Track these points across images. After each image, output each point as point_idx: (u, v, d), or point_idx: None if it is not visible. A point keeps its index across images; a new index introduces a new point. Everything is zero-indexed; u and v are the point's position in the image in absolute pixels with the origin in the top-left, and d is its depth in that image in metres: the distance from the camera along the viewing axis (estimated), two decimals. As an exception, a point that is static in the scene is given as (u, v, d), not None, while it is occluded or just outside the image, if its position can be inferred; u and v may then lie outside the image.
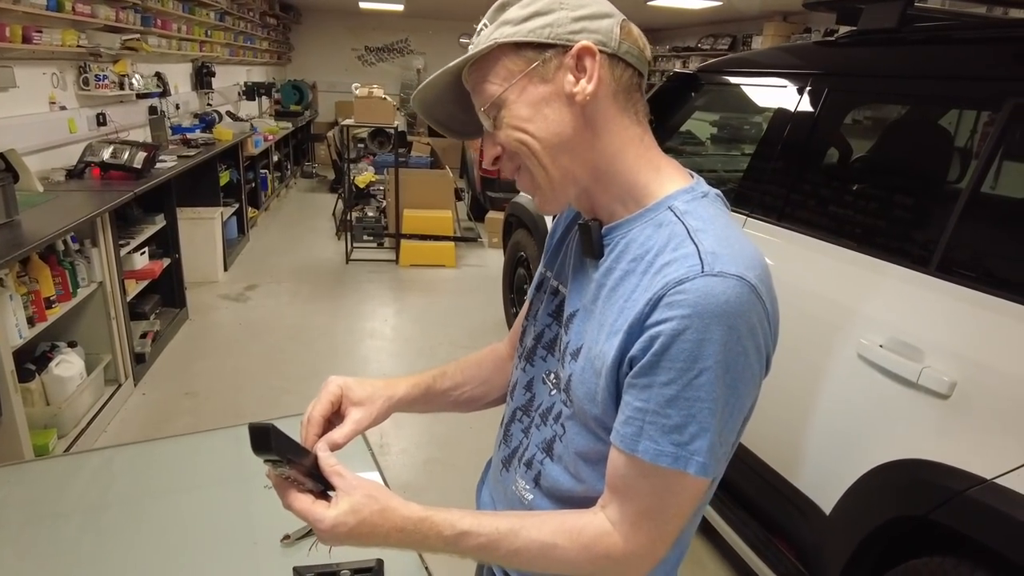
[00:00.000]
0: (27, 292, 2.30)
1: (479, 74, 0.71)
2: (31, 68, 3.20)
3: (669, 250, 0.65)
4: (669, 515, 0.67)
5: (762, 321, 0.63)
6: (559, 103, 0.69)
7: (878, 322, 1.46)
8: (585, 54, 0.67)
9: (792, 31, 6.49)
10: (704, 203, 0.70)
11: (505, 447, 0.87)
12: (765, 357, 0.65)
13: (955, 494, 1.19)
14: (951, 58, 1.52)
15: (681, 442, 0.63)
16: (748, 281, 0.62)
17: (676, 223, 0.67)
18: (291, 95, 8.58)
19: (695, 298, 0.61)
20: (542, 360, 0.82)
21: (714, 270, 0.61)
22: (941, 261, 1.35)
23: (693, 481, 0.65)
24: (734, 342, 0.61)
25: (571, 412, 0.74)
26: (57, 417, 2.46)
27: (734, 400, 0.63)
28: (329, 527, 0.65)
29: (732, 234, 0.67)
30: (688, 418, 0.62)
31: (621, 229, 0.72)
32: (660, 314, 0.62)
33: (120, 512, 1.18)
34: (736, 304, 0.60)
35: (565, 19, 0.68)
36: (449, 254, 5.32)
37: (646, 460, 0.64)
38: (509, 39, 0.68)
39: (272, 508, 1.19)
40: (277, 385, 3.22)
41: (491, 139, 0.73)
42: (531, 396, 0.83)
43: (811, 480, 1.62)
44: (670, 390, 0.62)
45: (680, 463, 0.63)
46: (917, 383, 1.31)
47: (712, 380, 0.61)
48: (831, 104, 1.75)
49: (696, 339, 0.60)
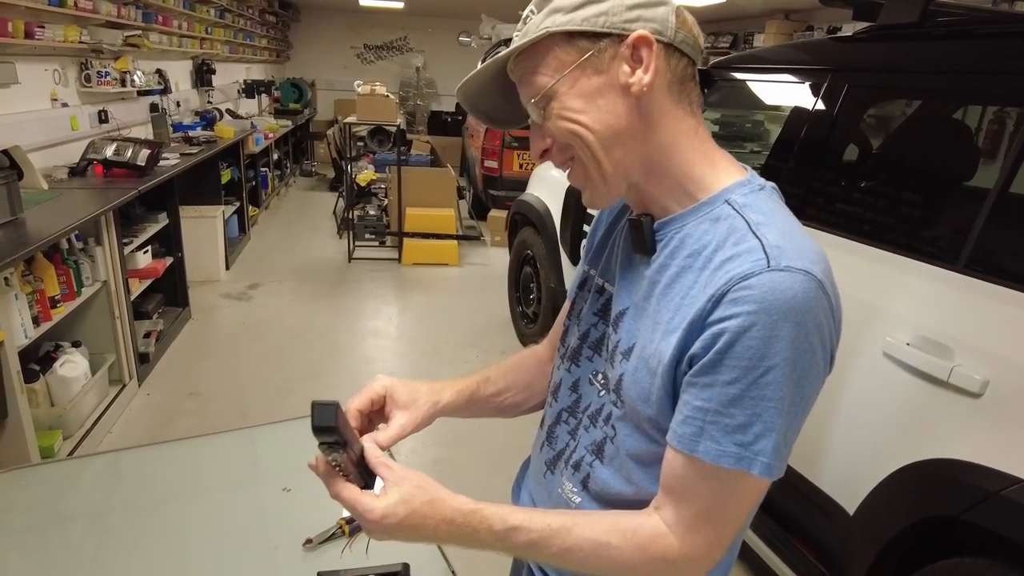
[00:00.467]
0: (32, 291, 2.27)
1: (528, 64, 0.68)
2: (33, 64, 3.17)
3: (730, 245, 0.63)
4: (727, 517, 0.65)
5: (828, 317, 0.61)
6: (613, 94, 0.66)
7: (904, 320, 1.44)
8: (641, 44, 0.65)
9: (794, 29, 6.48)
10: (762, 196, 0.68)
11: (549, 449, 0.84)
12: (830, 354, 0.64)
13: (990, 494, 1.17)
14: (978, 53, 1.50)
15: (745, 442, 0.61)
16: (815, 276, 0.60)
17: (735, 217, 0.65)
18: (290, 93, 8.53)
19: (762, 294, 0.59)
20: (588, 360, 0.80)
21: (780, 265, 0.59)
22: (970, 258, 1.33)
23: (755, 482, 0.63)
24: (802, 339, 0.59)
25: (622, 413, 0.72)
26: (62, 418, 2.42)
27: (800, 399, 0.62)
28: (379, 518, 0.64)
29: (794, 228, 0.65)
30: (753, 417, 0.60)
31: (675, 224, 0.69)
32: (724, 311, 0.60)
33: (132, 517, 1.15)
34: (804, 300, 0.59)
35: (620, 7, 0.65)
36: (452, 252, 5.29)
37: (707, 461, 0.62)
38: (561, 28, 0.65)
39: (292, 511, 1.18)
40: (281, 385, 3.19)
41: (539, 131, 0.71)
42: (577, 397, 0.81)
43: (834, 480, 1.60)
44: (734, 389, 0.60)
45: (743, 463, 0.61)
46: (947, 382, 1.29)
47: (779, 378, 0.59)
48: (851, 100, 1.73)
49: (763, 336, 0.58)
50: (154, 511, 1.17)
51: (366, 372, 3.42)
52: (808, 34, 6.27)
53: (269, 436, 1.44)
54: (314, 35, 10.41)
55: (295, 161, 8.65)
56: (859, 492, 1.49)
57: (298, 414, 2.65)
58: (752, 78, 2.22)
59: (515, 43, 0.69)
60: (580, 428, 0.79)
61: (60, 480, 1.25)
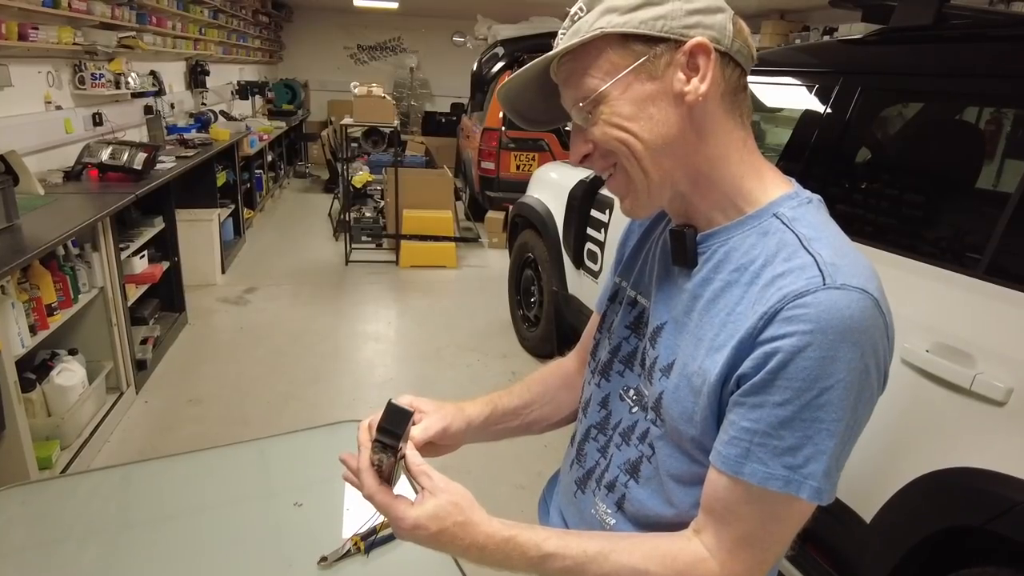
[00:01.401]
0: (29, 299, 2.22)
1: (576, 65, 0.65)
2: (26, 67, 3.12)
3: (780, 260, 0.61)
4: (771, 542, 0.63)
5: (883, 337, 0.60)
6: (665, 102, 0.64)
7: (922, 326, 1.42)
8: (699, 51, 0.62)
9: (790, 29, 6.49)
10: (810, 209, 0.66)
11: (579, 467, 0.82)
12: (884, 375, 0.62)
13: (1016, 504, 1.16)
14: (997, 55, 1.49)
15: (794, 465, 0.59)
16: (871, 294, 0.58)
17: (785, 231, 0.63)
18: (284, 94, 8.48)
19: (818, 312, 0.57)
20: (619, 375, 0.78)
21: (837, 283, 0.58)
22: (991, 263, 1.32)
23: (802, 507, 0.61)
24: (857, 360, 0.57)
25: (662, 432, 0.70)
26: (60, 428, 2.38)
27: (854, 422, 0.60)
28: (410, 527, 0.64)
29: (845, 243, 0.64)
30: (804, 440, 0.58)
31: (719, 236, 0.67)
32: (777, 329, 0.58)
33: (137, 534, 1.12)
34: (861, 320, 0.57)
35: (680, 11, 0.62)
36: (450, 255, 5.26)
37: (753, 483, 0.60)
38: (617, 29, 0.62)
39: (304, 527, 1.15)
40: (283, 390, 3.16)
41: (581, 135, 0.68)
42: (607, 413, 0.79)
43: (850, 487, 1.58)
44: (785, 411, 0.58)
45: (792, 487, 0.59)
46: (970, 389, 1.28)
47: (834, 401, 0.58)
48: (864, 104, 1.72)
49: (819, 357, 0.56)
50: (161, 528, 1.13)
51: (367, 376, 3.39)
52: (804, 35, 6.28)
53: (278, 448, 1.41)
54: (307, 36, 10.35)
55: (289, 163, 8.59)
56: (876, 500, 1.48)
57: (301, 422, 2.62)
58: (760, 80, 2.20)
59: (564, 42, 0.65)
60: (611, 445, 0.77)
61: (62, 496, 1.22)
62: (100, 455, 2.55)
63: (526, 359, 3.68)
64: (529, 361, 3.65)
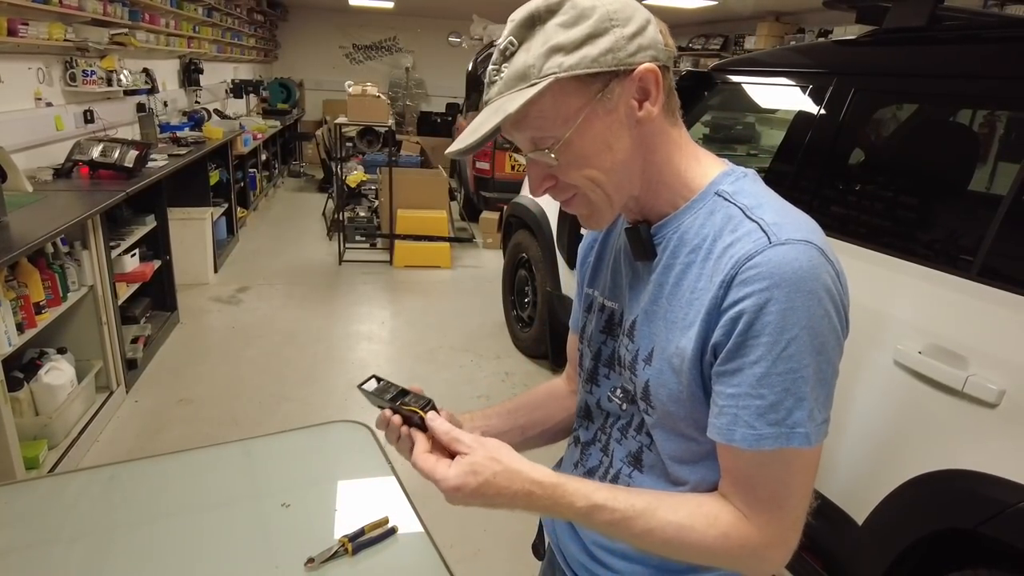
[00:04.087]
0: (16, 297, 2.20)
1: (531, 109, 0.63)
2: (16, 63, 3.09)
3: (728, 232, 0.64)
4: (790, 496, 0.65)
5: (835, 281, 0.62)
6: (621, 131, 0.66)
7: (915, 328, 1.42)
8: (649, 78, 0.64)
9: (785, 31, 6.50)
10: (747, 182, 0.69)
11: (581, 467, 0.85)
12: (843, 316, 0.64)
13: (1008, 506, 1.15)
14: (991, 57, 1.49)
15: (778, 420, 0.61)
16: (815, 244, 0.61)
17: (728, 205, 0.66)
18: (278, 93, 8.45)
19: (770, 269, 0.60)
20: (606, 378, 0.80)
21: (782, 239, 0.61)
22: (984, 265, 1.32)
23: (801, 454, 0.63)
24: (815, 305, 0.60)
25: (655, 419, 0.72)
26: (48, 427, 2.36)
27: (825, 363, 0.62)
28: (452, 487, 0.64)
29: (785, 205, 0.67)
30: (783, 393, 0.60)
31: (671, 224, 0.70)
32: (736, 293, 0.61)
33: (123, 535, 1.10)
34: (810, 267, 0.60)
35: (623, 40, 0.63)
36: (444, 255, 5.25)
37: (744, 448, 0.62)
38: (571, 72, 0.62)
39: (292, 528, 1.14)
40: (275, 391, 3.14)
41: (540, 169, 0.69)
42: (604, 415, 0.81)
43: (841, 490, 1.58)
44: (761, 367, 0.60)
45: (782, 440, 0.61)
46: (962, 391, 1.27)
47: (801, 348, 0.60)
48: (858, 105, 1.71)
49: (780, 309, 0.59)
50: (148, 529, 1.12)
51: (361, 377, 3.31)
52: (799, 36, 6.30)
53: (266, 448, 1.40)
54: (302, 35, 10.33)
55: (283, 162, 8.57)
56: (868, 502, 1.47)
57: (293, 422, 2.60)
58: (754, 81, 2.20)
59: (505, 84, 0.64)
60: (611, 442, 0.79)
61: (49, 496, 1.20)
62: (89, 455, 2.53)
63: (520, 360, 3.67)
64: (523, 361, 3.64)
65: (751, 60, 2.32)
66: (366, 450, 1.34)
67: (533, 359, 3.65)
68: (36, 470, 2.22)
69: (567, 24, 0.62)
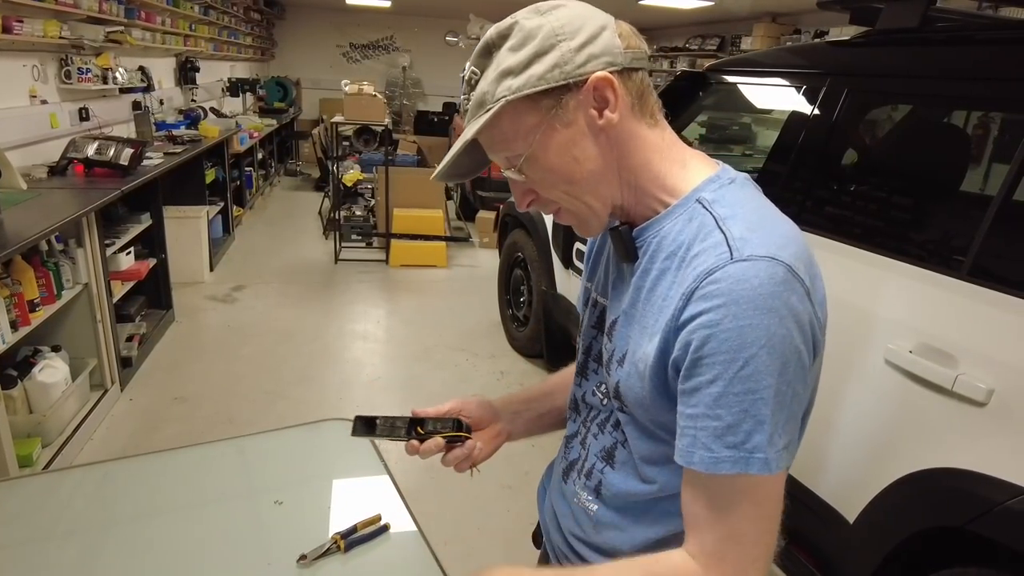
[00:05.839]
0: (10, 295, 2.19)
1: (494, 132, 0.67)
2: (11, 60, 3.08)
3: (698, 241, 0.64)
4: (750, 532, 0.62)
5: (803, 300, 0.60)
6: (585, 140, 0.66)
7: (906, 327, 1.43)
8: (602, 85, 0.64)
9: (782, 32, 6.52)
10: (732, 188, 0.68)
11: (564, 459, 0.86)
12: (811, 338, 0.62)
13: (996, 505, 1.16)
14: (982, 59, 1.50)
15: (736, 443, 0.59)
16: (781, 261, 0.59)
17: (705, 214, 0.66)
18: (275, 92, 8.43)
19: (728, 286, 0.58)
20: (594, 373, 0.82)
21: (744, 255, 0.59)
22: (974, 265, 1.32)
23: (760, 482, 0.60)
24: (775, 324, 0.58)
25: (628, 418, 0.73)
26: (41, 425, 2.35)
27: (785, 386, 0.59)
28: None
29: (762, 216, 0.65)
30: (741, 415, 0.59)
31: (652, 229, 0.70)
32: (694, 308, 0.60)
33: (115, 532, 1.10)
34: (771, 286, 0.58)
35: (569, 53, 0.64)
36: (441, 254, 5.25)
37: (702, 471, 0.61)
38: (519, 94, 0.64)
39: (284, 525, 1.14)
40: (270, 390, 3.13)
41: (520, 185, 0.71)
42: (589, 408, 0.82)
43: (833, 488, 1.59)
44: (717, 387, 0.59)
45: (740, 465, 0.59)
46: (951, 390, 1.28)
47: (760, 368, 0.58)
48: (851, 105, 1.72)
49: (736, 327, 0.58)
50: (140, 526, 1.12)
51: (356, 376, 3.37)
52: (796, 37, 6.31)
53: (260, 446, 1.40)
54: (299, 33, 10.31)
55: (280, 161, 8.55)
56: (859, 500, 1.48)
57: (288, 420, 2.60)
58: (749, 81, 2.21)
59: (470, 114, 0.68)
60: (589, 436, 0.81)
61: (40, 494, 1.20)
62: (83, 453, 2.53)
63: (515, 359, 3.67)
64: (518, 360, 3.64)
65: (746, 60, 2.33)
66: (360, 448, 1.34)
67: (528, 358, 3.65)
68: (30, 468, 2.22)
69: (515, 47, 0.64)
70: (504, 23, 0.66)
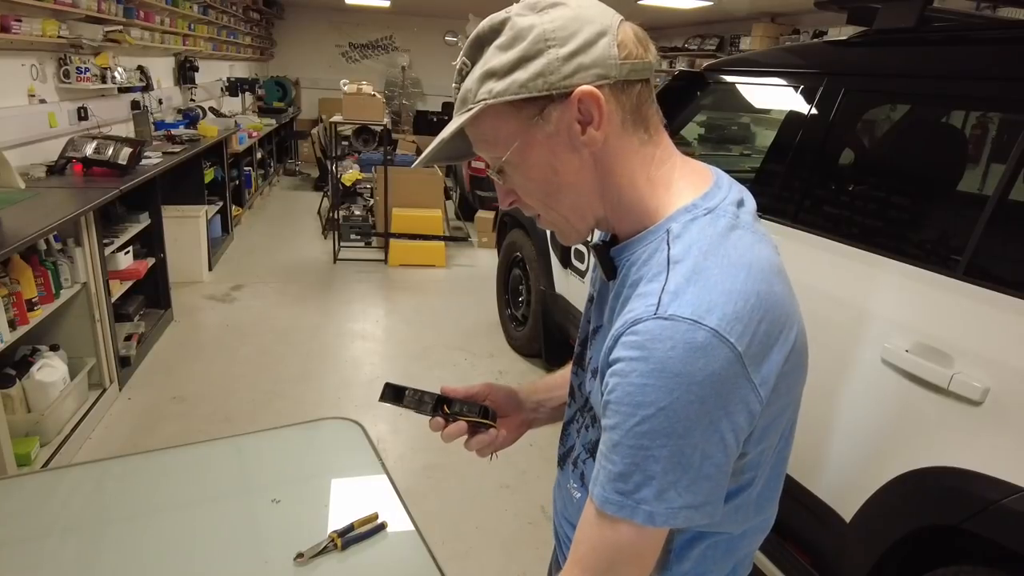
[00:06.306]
0: (8, 294, 2.20)
1: (476, 130, 0.65)
2: (9, 59, 3.08)
3: (646, 280, 0.61)
4: (605, 571, 0.62)
5: (731, 363, 0.55)
6: (565, 153, 0.64)
7: (902, 326, 1.43)
8: (588, 99, 0.60)
9: (780, 32, 6.52)
10: (702, 224, 0.62)
11: (561, 447, 0.87)
12: (741, 399, 0.57)
13: (991, 503, 1.17)
14: (976, 58, 1.50)
15: (625, 491, 0.59)
16: (704, 325, 0.55)
17: (664, 249, 0.62)
18: (274, 91, 8.44)
19: (643, 340, 0.56)
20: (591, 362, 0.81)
21: (667, 313, 0.56)
22: (970, 264, 1.33)
23: (642, 532, 0.59)
24: (681, 389, 0.55)
25: None
26: (39, 424, 2.35)
27: (690, 449, 0.57)
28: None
29: (713, 264, 0.58)
30: (632, 466, 0.58)
31: (626, 251, 0.68)
32: (617, 352, 0.59)
33: (113, 531, 1.11)
34: (683, 351, 0.55)
35: (556, 61, 0.60)
36: (439, 254, 5.25)
37: (596, 504, 0.61)
38: (500, 100, 0.61)
39: (281, 524, 1.15)
40: (268, 389, 3.14)
41: (501, 185, 0.70)
42: (584, 398, 0.82)
43: (830, 486, 1.60)
44: (615, 435, 0.59)
45: (625, 511, 0.59)
46: (947, 389, 1.29)
47: (656, 428, 0.56)
48: (848, 105, 1.73)
49: (639, 384, 0.56)
50: (137, 524, 1.12)
51: (354, 375, 3.37)
52: (794, 37, 6.32)
53: (257, 444, 1.40)
54: (298, 33, 10.31)
55: (279, 160, 8.55)
56: (856, 499, 1.49)
57: (286, 420, 2.60)
58: (747, 81, 2.21)
59: (456, 106, 0.66)
60: (582, 428, 0.81)
61: (38, 492, 1.20)
62: (81, 452, 2.53)
63: (513, 358, 3.67)
64: (516, 360, 3.65)
65: (744, 60, 2.33)
66: (357, 447, 1.34)
67: (527, 358, 3.66)
68: (28, 467, 2.22)
69: (503, 47, 0.61)
70: (498, 16, 0.63)
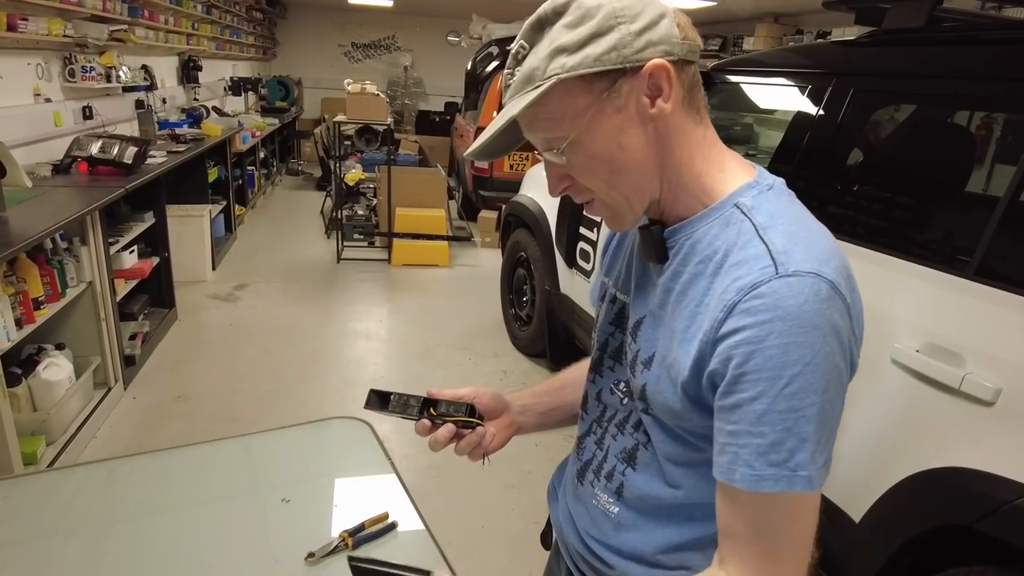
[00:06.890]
0: (15, 293, 2.20)
1: (539, 110, 0.64)
2: (15, 58, 3.08)
3: (737, 249, 0.62)
4: (789, 548, 0.61)
5: (844, 316, 0.59)
6: (634, 129, 0.64)
7: (913, 326, 1.42)
8: (658, 73, 0.62)
9: (783, 32, 6.51)
10: (771, 196, 0.66)
11: (577, 460, 0.84)
12: (850, 354, 0.61)
13: (1004, 504, 1.16)
14: (989, 58, 1.49)
15: (779, 461, 0.58)
16: (825, 277, 0.58)
17: (744, 220, 0.64)
18: (277, 91, 8.44)
19: (773, 301, 0.57)
20: (610, 370, 0.80)
21: (789, 270, 0.58)
22: (981, 264, 1.32)
23: (803, 500, 0.60)
24: (820, 341, 0.57)
25: (653, 419, 0.71)
26: (45, 423, 2.35)
27: (827, 404, 0.59)
28: None
29: (803, 227, 0.63)
30: (784, 433, 0.58)
31: (685, 231, 0.68)
32: (737, 321, 0.59)
33: (122, 530, 1.11)
34: (815, 303, 0.57)
35: (629, 37, 0.61)
36: (443, 254, 5.25)
37: (743, 488, 0.60)
38: (573, 73, 0.61)
39: (292, 523, 1.14)
40: (272, 388, 3.14)
41: (557, 170, 0.68)
42: (603, 407, 0.81)
43: (839, 487, 1.59)
44: (760, 404, 0.58)
45: (783, 483, 0.58)
46: (959, 389, 1.28)
47: (804, 386, 0.57)
48: (857, 105, 1.72)
49: (781, 344, 0.57)
50: (147, 524, 1.12)
51: (358, 375, 3.37)
52: (798, 38, 6.31)
53: (266, 444, 1.40)
54: (301, 33, 10.32)
55: (281, 160, 8.55)
56: (865, 499, 1.48)
57: (290, 419, 2.60)
58: (753, 81, 2.21)
59: (516, 89, 0.65)
60: (607, 437, 0.79)
61: (47, 492, 1.20)
62: (86, 451, 2.53)
63: (517, 358, 3.67)
64: (520, 360, 3.64)
65: (749, 60, 2.33)
66: (365, 446, 1.34)
67: (531, 358, 3.65)
68: (34, 465, 2.22)
69: (572, 24, 0.62)
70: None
